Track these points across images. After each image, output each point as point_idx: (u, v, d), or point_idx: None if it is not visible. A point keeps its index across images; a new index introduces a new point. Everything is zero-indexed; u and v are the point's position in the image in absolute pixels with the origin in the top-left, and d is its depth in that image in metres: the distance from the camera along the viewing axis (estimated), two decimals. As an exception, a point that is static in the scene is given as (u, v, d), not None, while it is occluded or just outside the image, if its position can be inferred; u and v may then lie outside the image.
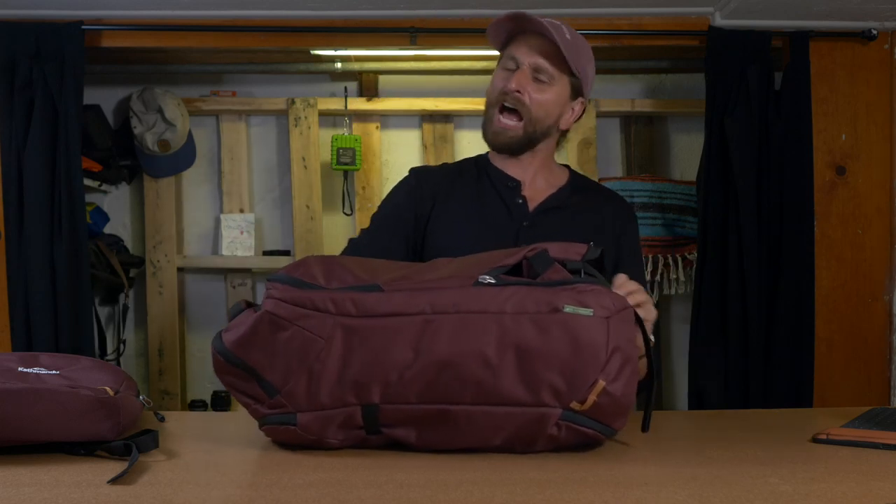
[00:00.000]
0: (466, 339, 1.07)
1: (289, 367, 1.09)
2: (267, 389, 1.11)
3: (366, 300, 1.10)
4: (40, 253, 2.65)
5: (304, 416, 1.10)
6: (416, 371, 1.07)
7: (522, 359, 1.07)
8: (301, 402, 1.10)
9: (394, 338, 1.08)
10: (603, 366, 1.07)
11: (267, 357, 1.10)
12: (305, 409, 1.10)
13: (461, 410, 1.08)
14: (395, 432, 1.12)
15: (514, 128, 1.57)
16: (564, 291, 1.10)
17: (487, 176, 1.66)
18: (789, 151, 2.74)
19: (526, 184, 1.64)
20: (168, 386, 3.22)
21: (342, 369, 1.08)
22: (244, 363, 1.11)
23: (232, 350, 1.11)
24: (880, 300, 2.84)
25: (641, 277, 1.66)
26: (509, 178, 1.64)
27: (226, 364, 1.12)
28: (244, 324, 1.11)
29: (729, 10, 2.72)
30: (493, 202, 1.63)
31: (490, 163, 1.68)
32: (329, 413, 1.10)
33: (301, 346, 1.09)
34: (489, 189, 1.64)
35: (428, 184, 1.65)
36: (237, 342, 1.11)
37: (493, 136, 1.60)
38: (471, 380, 1.07)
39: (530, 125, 1.57)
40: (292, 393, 1.10)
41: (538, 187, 1.65)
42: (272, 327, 1.10)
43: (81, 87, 2.70)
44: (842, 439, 1.18)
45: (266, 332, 1.10)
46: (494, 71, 1.62)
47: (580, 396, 1.07)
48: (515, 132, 1.57)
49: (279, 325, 1.09)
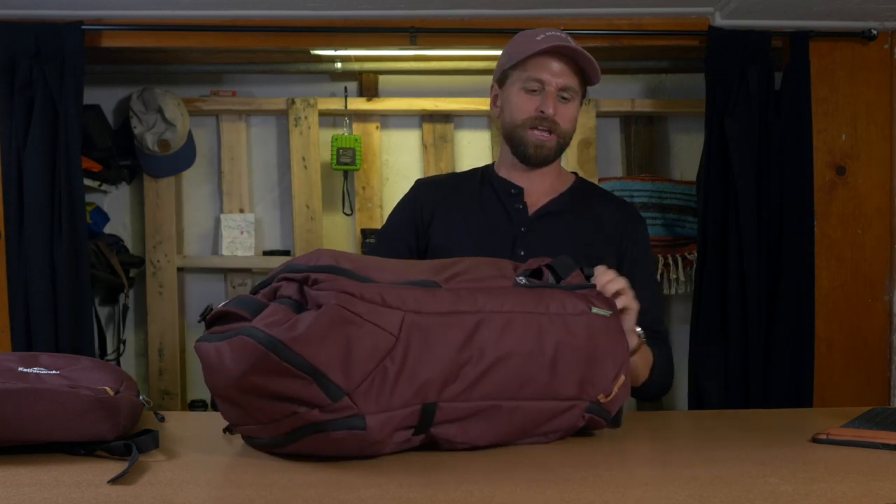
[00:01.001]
0: (520, 337, 1.11)
1: (360, 367, 1.00)
2: (331, 392, 0.99)
3: (430, 297, 1.08)
4: (40, 253, 2.64)
5: (373, 419, 1.01)
6: (475, 368, 1.08)
7: (564, 355, 1.13)
8: (371, 403, 1.01)
9: (456, 335, 1.07)
10: (623, 362, 1.20)
11: (336, 355, 0.99)
12: (375, 412, 1.02)
13: (514, 406, 1.11)
14: (441, 430, 1.09)
15: (550, 139, 1.65)
16: (588, 294, 1.20)
17: (490, 183, 1.73)
18: (789, 151, 2.74)
19: (528, 190, 1.70)
20: (168, 386, 3.22)
21: (414, 367, 1.03)
22: (307, 362, 0.98)
23: (292, 347, 0.97)
24: (880, 300, 2.84)
25: (651, 278, 1.71)
26: (512, 185, 1.70)
27: (279, 363, 0.98)
28: (303, 319, 0.99)
29: (729, 10, 2.72)
30: (493, 207, 1.69)
31: (495, 172, 1.75)
32: (395, 414, 1.03)
33: (373, 343, 1.01)
34: (491, 195, 1.71)
35: (428, 193, 1.75)
36: (299, 339, 0.97)
37: (535, 150, 1.65)
38: (526, 376, 1.11)
39: (561, 138, 1.66)
40: (364, 394, 1.01)
41: (541, 192, 1.70)
42: (342, 322, 0.99)
43: (81, 87, 2.70)
44: (842, 439, 1.18)
45: (336, 327, 0.99)
46: (510, 88, 1.66)
47: (607, 390, 1.18)
48: (552, 143, 1.65)
49: (350, 320, 0.99)
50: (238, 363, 1.01)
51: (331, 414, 1.00)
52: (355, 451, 1.05)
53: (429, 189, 1.77)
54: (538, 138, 1.64)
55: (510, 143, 1.69)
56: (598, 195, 1.78)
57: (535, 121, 1.63)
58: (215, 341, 1.05)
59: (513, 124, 1.67)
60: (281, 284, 1.08)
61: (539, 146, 1.65)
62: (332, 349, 0.98)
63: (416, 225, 1.71)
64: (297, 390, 0.99)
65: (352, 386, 1.00)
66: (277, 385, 1.00)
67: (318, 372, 0.98)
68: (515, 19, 2.79)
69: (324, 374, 0.98)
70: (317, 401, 0.99)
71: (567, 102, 1.64)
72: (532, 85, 1.63)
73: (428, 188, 1.78)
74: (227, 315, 1.08)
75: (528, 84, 1.63)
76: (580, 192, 1.74)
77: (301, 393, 0.99)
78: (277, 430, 1.04)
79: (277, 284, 1.08)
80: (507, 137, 1.70)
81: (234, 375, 1.02)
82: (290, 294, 1.06)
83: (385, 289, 1.04)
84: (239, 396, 1.05)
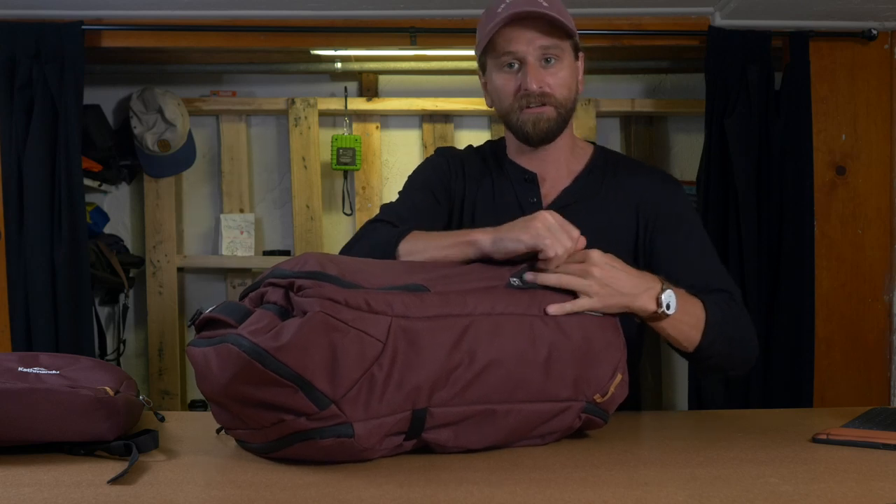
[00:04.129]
0: (512, 339, 1.09)
1: (347, 374, 0.98)
2: (317, 400, 0.97)
3: (417, 301, 1.05)
4: (40, 253, 2.65)
5: (361, 427, 1.00)
6: (466, 372, 1.06)
7: (558, 356, 1.12)
8: (359, 411, 0.99)
9: (446, 339, 1.05)
10: (620, 360, 1.18)
11: (321, 364, 0.97)
12: (363, 419, 1.00)
13: (508, 409, 1.10)
14: (433, 435, 1.07)
15: (545, 110, 1.46)
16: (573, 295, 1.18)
17: (502, 168, 1.58)
18: (789, 151, 2.74)
19: (542, 176, 1.55)
20: (168, 386, 3.22)
21: (402, 373, 1.01)
22: (292, 371, 0.96)
23: (276, 356, 0.96)
24: (880, 300, 2.84)
25: (699, 240, 1.51)
26: (525, 171, 1.56)
27: (264, 372, 0.96)
28: (287, 327, 0.97)
29: (729, 10, 2.72)
30: (507, 200, 1.55)
31: (506, 155, 1.59)
32: (384, 420, 1.02)
33: (359, 350, 0.99)
34: (505, 184, 1.56)
35: (455, 165, 1.59)
36: (284, 348, 0.95)
37: (533, 128, 1.47)
38: (519, 379, 1.09)
39: (560, 107, 1.48)
40: (351, 402, 0.99)
41: (556, 177, 1.55)
42: (326, 330, 0.97)
43: (81, 87, 2.70)
44: (842, 439, 1.18)
45: (321, 335, 0.97)
46: (491, 74, 1.50)
47: (603, 389, 1.16)
48: (549, 114, 1.47)
49: (335, 327, 0.97)
50: (224, 371, 1.00)
51: (318, 422, 0.99)
52: (344, 458, 1.04)
53: (456, 162, 1.60)
54: (532, 114, 1.46)
55: (509, 128, 1.55)
56: (621, 168, 1.57)
57: (523, 99, 1.45)
58: (203, 346, 1.04)
59: (503, 110, 1.50)
60: (267, 290, 1.06)
61: (536, 122, 1.47)
62: (317, 357, 0.96)
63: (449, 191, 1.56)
64: (283, 399, 0.97)
65: (339, 394, 0.98)
66: (263, 393, 0.98)
67: (304, 380, 0.96)
68: (515, 19, 2.79)
69: (309, 382, 0.96)
70: (303, 409, 0.98)
71: (553, 65, 1.45)
72: (508, 61, 1.45)
73: (455, 161, 1.60)
74: (215, 320, 1.07)
75: (503, 61, 1.45)
76: (599, 171, 1.56)
77: (287, 401, 0.98)
78: (266, 437, 1.04)
79: (264, 290, 1.07)
80: (506, 124, 1.55)
81: (221, 382, 1.01)
82: (275, 300, 1.04)
83: (371, 294, 1.02)
84: (228, 402, 1.04)
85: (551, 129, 1.48)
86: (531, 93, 1.44)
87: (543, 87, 1.45)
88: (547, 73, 1.45)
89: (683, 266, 1.43)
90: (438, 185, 1.57)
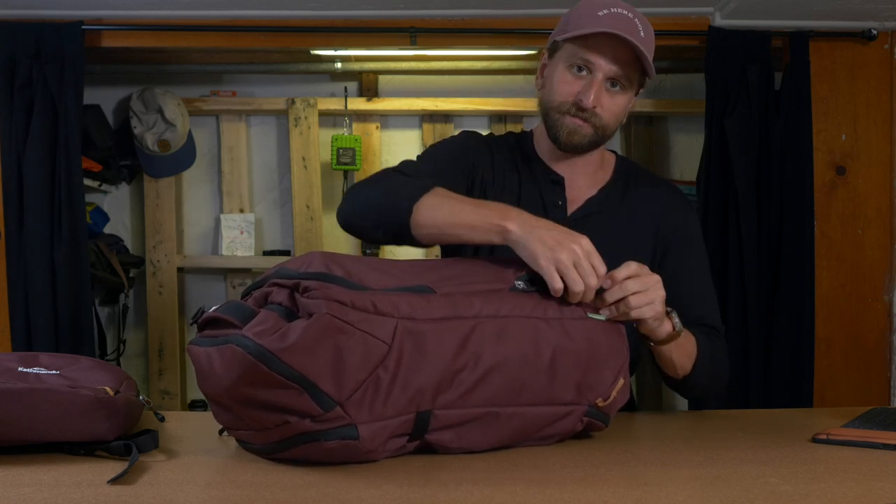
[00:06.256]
0: (517, 342, 1.09)
1: (352, 376, 0.97)
2: (322, 402, 0.97)
3: (423, 303, 1.05)
4: (40, 253, 2.65)
5: (366, 429, 1.00)
6: (470, 375, 1.06)
7: (562, 360, 1.11)
8: (363, 413, 0.99)
9: (451, 342, 1.04)
10: (623, 365, 1.18)
11: (326, 365, 0.96)
12: (367, 421, 1.00)
13: (511, 412, 1.09)
14: (436, 437, 1.07)
15: (585, 126, 1.46)
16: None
17: (530, 166, 1.57)
18: (789, 151, 2.75)
19: (570, 181, 1.54)
20: (168, 386, 3.22)
21: (408, 375, 1.01)
22: (297, 373, 0.95)
23: (281, 358, 0.95)
24: (880, 300, 2.84)
25: (704, 272, 1.55)
26: (552, 172, 1.54)
27: (269, 374, 0.96)
28: (293, 328, 0.97)
29: (729, 10, 2.72)
30: (532, 199, 1.53)
31: (536, 153, 1.57)
32: (388, 423, 1.02)
33: (365, 352, 0.98)
34: (530, 183, 1.55)
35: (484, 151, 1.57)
36: (289, 349, 0.95)
37: (567, 137, 1.47)
38: (523, 382, 1.09)
39: (599, 130, 1.47)
40: (356, 404, 0.99)
41: (583, 185, 1.55)
42: (332, 331, 0.96)
43: (81, 87, 2.70)
44: (842, 439, 1.18)
45: (327, 337, 0.96)
46: (557, 63, 1.47)
47: (606, 394, 1.16)
48: (587, 131, 1.46)
49: (341, 329, 0.97)
50: (227, 372, 0.99)
51: (322, 424, 0.98)
52: (348, 460, 1.03)
53: (484, 149, 1.57)
54: (573, 123, 1.45)
55: (545, 121, 1.52)
56: (642, 182, 1.59)
57: (572, 107, 1.44)
58: (206, 346, 1.04)
59: (549, 105, 1.48)
60: (272, 290, 1.06)
61: (572, 132, 1.46)
62: (322, 359, 0.96)
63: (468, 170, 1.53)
64: (288, 400, 0.97)
65: (344, 396, 0.98)
66: (268, 395, 0.98)
67: (309, 382, 0.96)
68: (515, 19, 2.79)
69: (314, 384, 0.96)
70: (308, 411, 0.97)
71: (615, 93, 1.44)
72: (581, 64, 1.43)
73: (483, 147, 1.57)
74: (219, 320, 1.06)
75: (575, 63, 1.43)
76: (622, 183, 1.56)
77: (292, 403, 0.97)
78: (269, 438, 1.03)
79: (268, 289, 1.06)
80: (543, 116, 1.52)
81: (224, 383, 1.01)
82: (280, 300, 1.03)
83: (377, 296, 1.02)
84: (231, 403, 1.03)
85: (582, 145, 1.48)
86: (584, 106, 1.43)
87: (598, 107, 1.44)
88: (607, 96, 1.44)
89: (685, 292, 1.43)
90: (462, 163, 1.53)
